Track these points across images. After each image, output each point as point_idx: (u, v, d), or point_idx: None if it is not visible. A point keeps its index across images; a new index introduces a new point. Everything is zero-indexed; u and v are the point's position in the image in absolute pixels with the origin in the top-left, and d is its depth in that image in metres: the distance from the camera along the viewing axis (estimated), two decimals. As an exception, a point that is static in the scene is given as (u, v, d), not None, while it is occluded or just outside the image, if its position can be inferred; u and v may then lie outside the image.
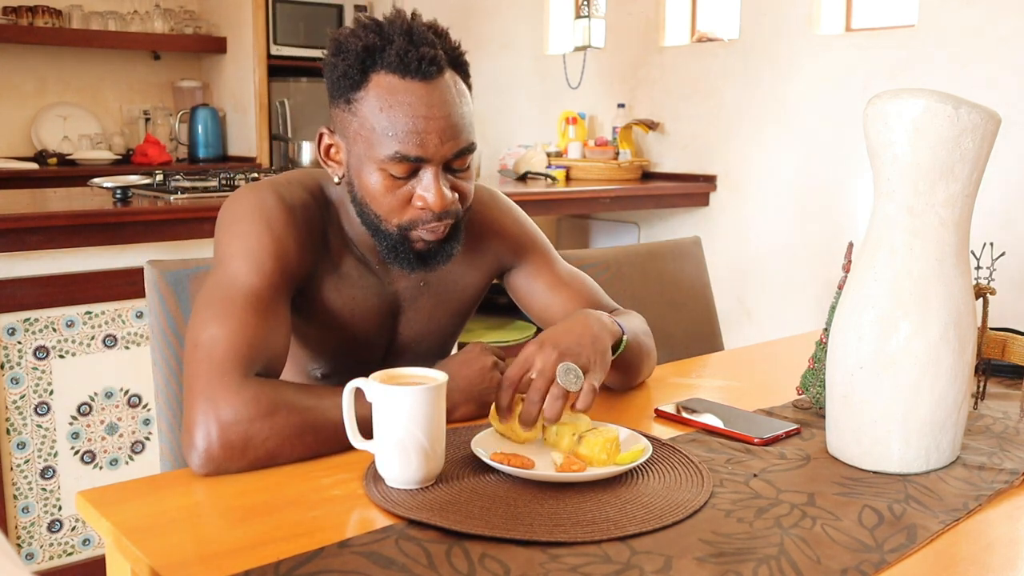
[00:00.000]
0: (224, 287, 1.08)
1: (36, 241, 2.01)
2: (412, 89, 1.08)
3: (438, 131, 1.08)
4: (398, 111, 1.07)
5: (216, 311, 1.06)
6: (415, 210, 1.12)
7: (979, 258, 1.21)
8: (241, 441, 0.98)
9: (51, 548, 2.17)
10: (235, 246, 1.10)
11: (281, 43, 4.47)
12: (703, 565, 0.81)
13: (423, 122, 1.08)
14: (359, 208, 1.15)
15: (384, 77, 1.08)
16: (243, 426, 0.99)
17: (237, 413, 0.99)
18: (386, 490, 0.94)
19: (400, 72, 1.07)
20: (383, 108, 1.08)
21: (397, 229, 1.13)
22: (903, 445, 1.03)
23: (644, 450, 1.02)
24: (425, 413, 0.94)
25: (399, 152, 1.08)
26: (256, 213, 1.12)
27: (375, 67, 1.08)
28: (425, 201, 1.11)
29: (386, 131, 1.08)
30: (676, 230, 3.47)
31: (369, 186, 1.12)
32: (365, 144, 1.10)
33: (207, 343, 1.03)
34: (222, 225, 1.14)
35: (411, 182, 1.11)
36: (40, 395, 2.12)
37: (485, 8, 4.19)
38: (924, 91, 0.99)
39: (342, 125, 1.13)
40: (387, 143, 1.08)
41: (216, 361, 1.02)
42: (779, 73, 3.12)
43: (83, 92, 4.56)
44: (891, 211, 1.03)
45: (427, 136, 1.08)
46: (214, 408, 0.99)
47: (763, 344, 1.73)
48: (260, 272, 1.09)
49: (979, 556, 0.87)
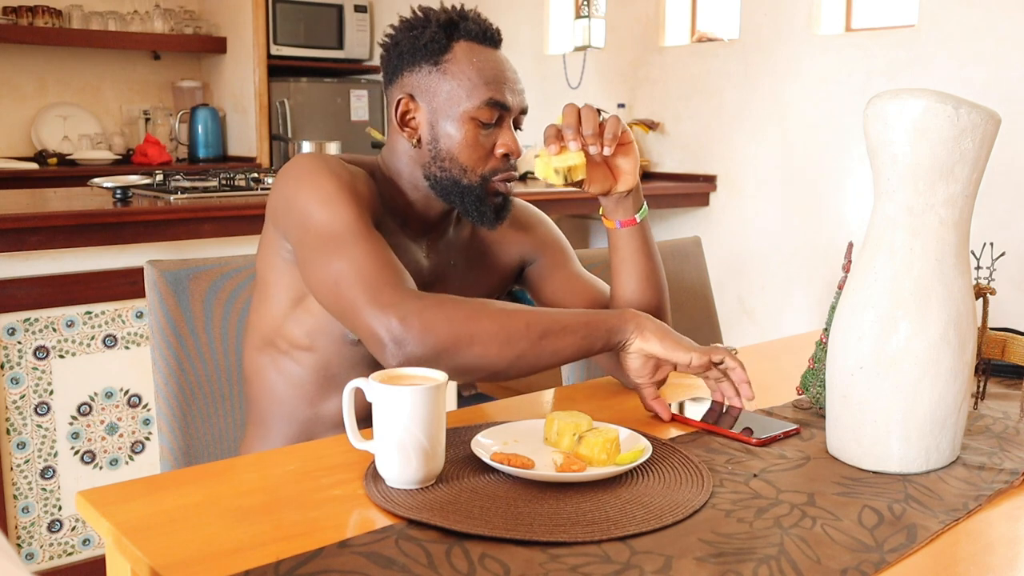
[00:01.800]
0: (326, 234, 1.14)
1: (36, 241, 2.02)
2: (491, 53, 1.25)
3: (515, 83, 1.26)
4: (487, 66, 1.23)
5: (334, 251, 1.12)
6: (496, 159, 1.25)
7: (979, 258, 1.21)
8: (425, 325, 1.06)
9: (51, 548, 2.17)
10: (311, 199, 1.16)
11: (281, 43, 4.47)
12: (703, 565, 0.81)
13: (505, 76, 1.24)
14: (440, 166, 1.24)
15: (466, 44, 1.23)
16: (424, 312, 1.06)
17: (412, 304, 1.06)
18: (386, 490, 0.94)
19: (479, 40, 1.24)
20: (474, 65, 1.22)
21: (480, 180, 1.24)
22: (903, 445, 1.03)
23: (644, 450, 1.02)
24: (425, 413, 0.94)
25: (493, 98, 1.22)
26: (322, 168, 1.18)
27: (457, 36, 1.23)
28: (507, 147, 1.24)
29: (479, 82, 1.22)
30: (676, 230, 3.48)
31: (458, 139, 1.23)
32: (459, 98, 1.22)
33: (346, 270, 1.10)
34: (287, 189, 1.19)
35: (492, 134, 1.24)
36: (40, 395, 2.12)
37: (485, 8, 4.17)
38: (924, 91, 0.99)
39: (428, 87, 1.23)
40: (481, 92, 1.21)
41: (367, 277, 1.09)
42: (779, 73, 3.12)
43: (83, 92, 4.56)
44: (891, 211, 1.03)
45: (511, 87, 1.24)
46: (390, 304, 1.06)
47: (763, 344, 1.73)
48: (352, 212, 1.14)
49: (979, 556, 0.87)
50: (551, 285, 1.39)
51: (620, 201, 1.29)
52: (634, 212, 1.30)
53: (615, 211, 1.30)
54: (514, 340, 1.10)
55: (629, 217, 1.30)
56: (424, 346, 1.06)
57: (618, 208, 1.30)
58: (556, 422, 1.06)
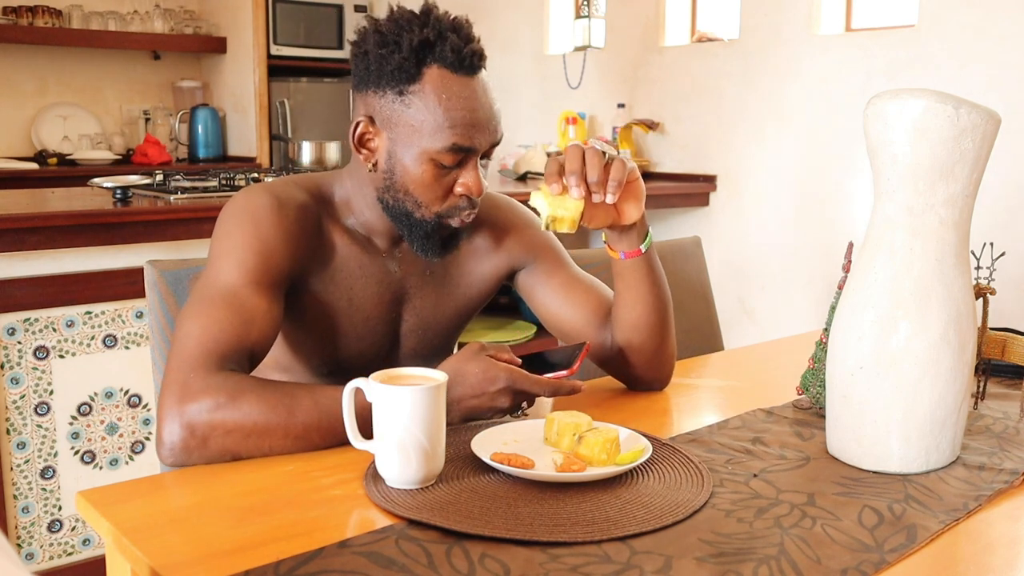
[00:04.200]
0: (207, 286, 1.13)
1: (36, 241, 2.01)
2: (465, 83, 1.14)
3: (486, 122, 1.16)
4: (456, 104, 1.13)
5: (194, 309, 1.10)
6: (455, 197, 1.19)
7: (979, 258, 1.21)
8: (202, 430, 1.01)
9: (51, 548, 2.17)
10: (222, 245, 1.16)
11: (281, 43, 4.47)
12: (703, 565, 0.81)
13: (476, 115, 1.15)
14: (394, 196, 1.19)
15: (437, 71, 1.13)
16: (205, 415, 1.01)
17: (200, 403, 1.02)
18: (386, 490, 0.94)
19: (454, 68, 1.14)
20: (441, 102, 1.13)
21: (435, 217, 1.19)
22: (903, 445, 1.03)
23: (644, 450, 1.02)
24: (425, 413, 0.94)
25: (456, 144, 1.14)
26: (244, 213, 1.16)
27: (429, 61, 1.13)
28: (467, 188, 1.18)
29: (443, 123, 1.13)
30: (676, 230, 3.47)
31: (415, 175, 1.16)
32: (419, 135, 1.14)
33: (181, 339, 1.07)
34: (216, 226, 1.18)
35: (453, 172, 1.17)
36: (40, 395, 2.12)
37: (485, 8, 4.19)
38: (924, 91, 0.99)
39: (389, 115, 1.16)
40: (445, 134, 1.13)
41: (185, 356, 1.05)
42: (779, 73, 3.12)
43: (83, 92, 4.56)
44: (891, 211, 1.03)
45: (478, 128, 1.15)
46: (178, 401, 1.02)
47: (763, 344, 1.73)
48: (241, 268, 1.12)
49: (979, 556, 0.87)
50: (545, 293, 1.34)
51: (624, 232, 1.24)
52: (639, 243, 1.24)
53: (619, 242, 1.25)
54: (307, 438, 1.05)
55: (634, 248, 1.24)
56: (198, 456, 1.02)
57: (622, 239, 1.24)
58: (556, 422, 1.06)
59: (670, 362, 1.34)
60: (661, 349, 1.30)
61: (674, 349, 1.33)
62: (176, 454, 1.02)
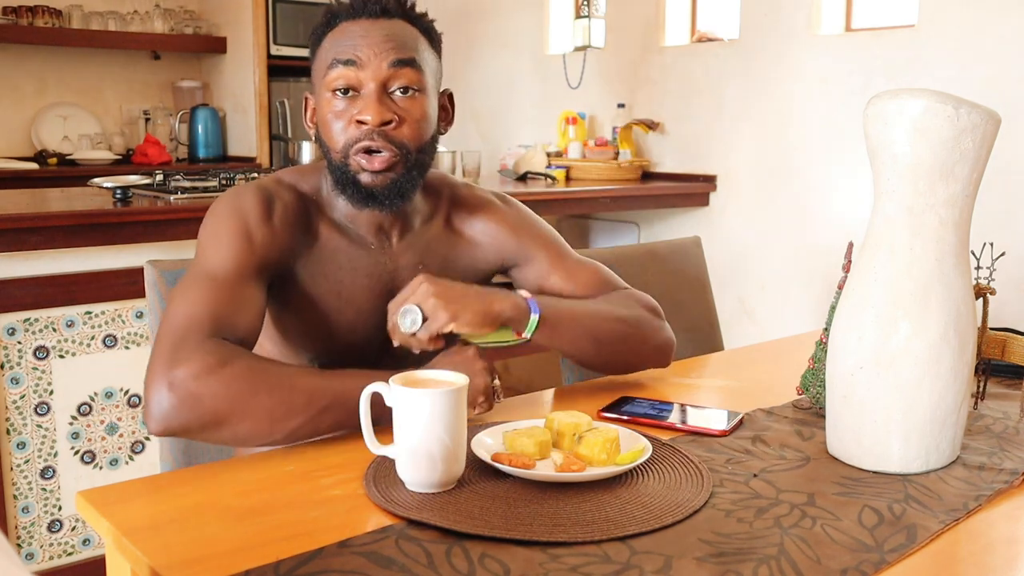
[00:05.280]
0: (194, 274, 1.13)
1: (36, 241, 2.01)
2: (360, 23, 1.17)
3: (373, 44, 1.15)
4: (345, 35, 1.17)
5: (182, 293, 1.10)
6: (353, 127, 1.16)
7: (979, 258, 1.21)
8: (191, 395, 1.00)
9: (51, 548, 2.17)
10: (209, 238, 1.16)
11: (281, 43, 4.46)
12: (703, 565, 0.81)
13: (358, 38, 1.16)
14: (325, 155, 1.21)
15: (343, 25, 1.18)
16: (192, 380, 1.00)
17: (188, 367, 1.01)
18: (386, 490, 0.94)
19: (350, 17, 1.18)
20: (330, 39, 1.18)
21: (341, 157, 1.17)
22: (903, 445, 1.03)
23: (644, 450, 1.02)
24: (452, 416, 0.94)
25: (335, 59, 1.16)
26: (229, 208, 1.18)
27: (335, 21, 1.19)
28: (361, 112, 1.15)
29: (330, 49, 1.17)
30: (676, 230, 3.47)
31: (322, 117, 1.19)
32: (317, 77, 1.19)
33: (170, 318, 1.07)
34: (203, 225, 1.19)
35: (353, 102, 1.17)
36: (40, 395, 2.12)
37: (485, 8, 4.19)
38: (924, 91, 0.99)
39: (313, 81, 1.22)
40: (329, 56, 1.17)
41: (174, 330, 1.05)
42: (779, 73, 3.12)
43: (83, 92, 4.56)
44: (891, 211, 1.03)
45: (361, 46, 1.15)
46: (166, 367, 1.01)
47: (763, 344, 1.73)
48: (229, 255, 1.13)
49: (979, 556, 0.87)
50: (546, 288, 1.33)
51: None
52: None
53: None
54: (292, 415, 1.03)
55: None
56: (186, 420, 1.00)
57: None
58: (556, 422, 1.06)
59: (659, 355, 1.33)
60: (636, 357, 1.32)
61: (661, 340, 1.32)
62: (166, 418, 1.00)
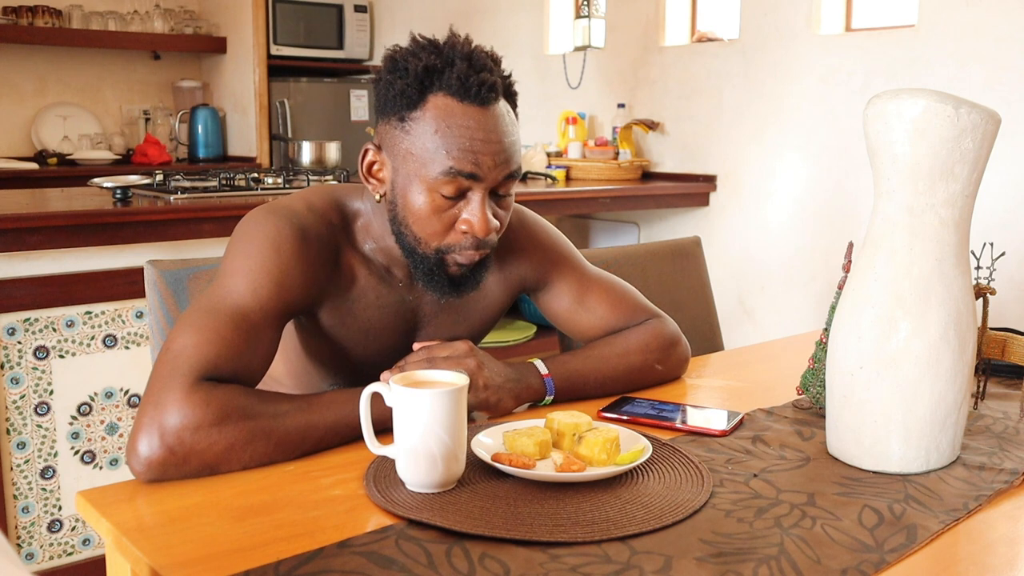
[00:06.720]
0: (214, 300, 1.07)
1: (36, 241, 2.01)
2: (469, 113, 1.09)
3: (492, 153, 1.09)
4: (455, 131, 1.08)
5: (196, 320, 1.04)
6: (457, 234, 1.13)
7: (979, 258, 1.21)
8: (183, 448, 0.96)
9: (51, 548, 2.17)
10: (238, 263, 1.10)
11: (281, 43, 4.46)
12: (703, 565, 0.81)
13: (479, 144, 1.09)
14: (397, 228, 1.15)
15: (442, 99, 1.09)
16: (187, 433, 0.96)
17: (183, 419, 0.96)
18: (386, 490, 0.94)
19: (459, 96, 1.09)
20: (439, 128, 1.08)
21: (435, 253, 1.14)
22: (903, 445, 1.03)
23: (644, 450, 1.02)
24: (452, 416, 0.94)
25: (453, 168, 1.08)
26: (267, 238, 1.11)
27: (434, 88, 1.09)
28: (470, 225, 1.11)
29: (440, 149, 1.08)
30: (676, 230, 3.47)
31: (415, 207, 1.11)
32: (417, 163, 1.10)
33: (175, 349, 1.01)
34: (233, 241, 1.13)
35: (458, 205, 1.12)
36: (40, 395, 2.12)
37: (485, 8, 4.19)
38: (924, 91, 0.99)
39: (392, 143, 1.13)
40: (441, 160, 1.08)
41: (177, 367, 0.99)
42: (779, 73, 3.12)
43: (83, 92, 4.56)
44: (891, 211, 1.03)
45: (481, 157, 1.09)
46: (161, 413, 0.96)
47: (763, 344, 1.73)
48: (254, 294, 1.08)
49: (979, 556, 0.87)
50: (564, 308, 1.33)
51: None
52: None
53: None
54: (285, 454, 1.02)
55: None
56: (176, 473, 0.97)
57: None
58: (556, 422, 1.06)
59: (676, 370, 1.39)
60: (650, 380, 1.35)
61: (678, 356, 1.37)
62: (152, 469, 0.96)
